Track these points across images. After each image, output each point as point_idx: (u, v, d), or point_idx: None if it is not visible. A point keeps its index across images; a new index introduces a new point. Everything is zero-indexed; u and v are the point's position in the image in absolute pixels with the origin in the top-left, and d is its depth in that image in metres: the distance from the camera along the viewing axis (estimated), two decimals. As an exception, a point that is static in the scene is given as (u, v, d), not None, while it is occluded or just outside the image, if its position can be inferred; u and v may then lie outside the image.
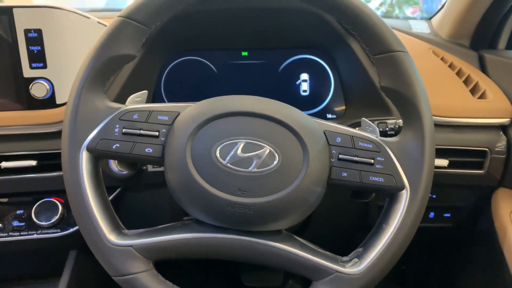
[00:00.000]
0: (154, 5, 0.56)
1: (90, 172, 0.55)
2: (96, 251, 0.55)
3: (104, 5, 4.67)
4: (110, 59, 0.56)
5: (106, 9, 1.45)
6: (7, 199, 0.79)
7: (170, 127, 0.56)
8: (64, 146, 0.55)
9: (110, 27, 0.56)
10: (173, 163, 0.54)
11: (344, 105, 0.89)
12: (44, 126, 0.75)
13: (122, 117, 0.56)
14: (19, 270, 0.92)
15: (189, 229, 0.56)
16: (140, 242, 0.55)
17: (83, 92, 0.55)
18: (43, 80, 0.73)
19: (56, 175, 0.77)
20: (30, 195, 0.79)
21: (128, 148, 0.55)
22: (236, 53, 0.89)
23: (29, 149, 0.76)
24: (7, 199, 0.79)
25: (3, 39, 0.72)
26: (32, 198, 0.79)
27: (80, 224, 0.55)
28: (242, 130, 0.54)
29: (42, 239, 0.77)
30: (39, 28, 0.72)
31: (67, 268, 0.84)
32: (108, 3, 4.57)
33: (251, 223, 0.54)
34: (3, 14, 0.71)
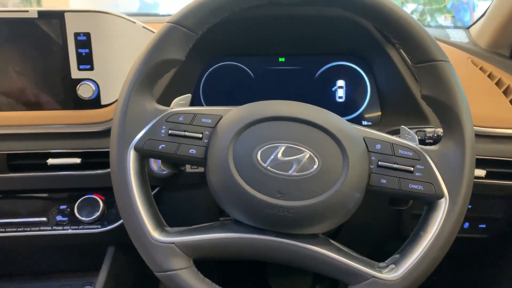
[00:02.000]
0: (202, 12, 0.58)
1: (137, 170, 0.58)
2: (140, 247, 0.57)
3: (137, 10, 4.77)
4: (159, 63, 0.58)
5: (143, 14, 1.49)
6: (52, 195, 0.83)
7: (213, 129, 0.58)
8: (113, 145, 0.58)
9: (159, 33, 0.58)
10: (216, 164, 0.56)
11: (380, 112, 0.89)
12: (89, 126, 0.78)
13: (168, 119, 0.58)
14: (59, 264, 0.95)
15: (228, 229, 0.58)
16: (181, 239, 0.57)
17: (132, 95, 0.58)
18: (89, 82, 0.76)
19: (99, 173, 0.80)
20: (73, 191, 0.82)
21: (173, 148, 0.57)
22: (274, 59, 0.90)
23: (74, 147, 0.79)
24: (52, 194, 0.83)
25: (54, 41, 0.75)
26: (75, 194, 0.82)
27: (126, 220, 0.57)
28: (283, 135, 0.55)
29: (83, 234, 0.80)
30: (88, 31, 0.75)
31: (105, 263, 0.86)
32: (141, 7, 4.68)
33: (289, 226, 0.55)
34: (55, 18, 0.75)
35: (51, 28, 0.75)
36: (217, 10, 0.58)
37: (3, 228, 0.80)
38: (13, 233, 0.80)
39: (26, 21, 0.75)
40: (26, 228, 0.80)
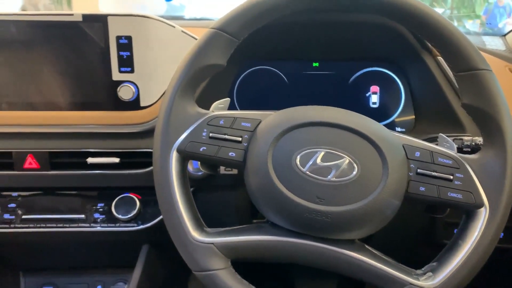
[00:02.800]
0: (244, 18, 0.59)
1: (179, 171, 0.59)
2: (180, 246, 0.58)
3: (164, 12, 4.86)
4: (202, 68, 0.60)
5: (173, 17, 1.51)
6: (90, 193, 0.85)
7: (252, 133, 0.59)
8: (156, 147, 0.60)
9: (202, 38, 0.60)
10: (255, 168, 0.57)
11: (414, 119, 0.89)
12: (128, 127, 0.80)
13: (209, 122, 0.60)
14: (92, 259, 0.98)
15: (266, 231, 0.59)
16: (221, 240, 0.58)
17: (176, 98, 0.59)
18: (130, 84, 0.79)
19: (136, 172, 0.82)
20: (111, 190, 0.84)
21: (213, 151, 0.59)
22: (307, 64, 0.91)
23: (113, 147, 0.81)
24: (90, 192, 0.85)
25: (97, 44, 0.78)
26: (112, 193, 0.84)
27: (167, 219, 0.59)
28: (323, 140, 0.56)
29: (119, 231, 0.83)
30: (129, 35, 0.78)
31: (139, 261, 0.89)
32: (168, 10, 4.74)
33: (327, 231, 0.56)
34: (99, 22, 0.77)
35: (94, 31, 0.77)
36: (260, 16, 0.60)
37: (44, 224, 0.83)
38: (53, 229, 0.82)
39: (70, 24, 0.77)
40: (65, 225, 0.83)
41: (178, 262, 1.11)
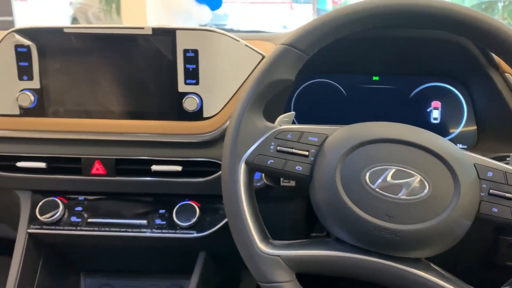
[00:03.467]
0: (315, 35, 0.60)
1: (246, 183, 0.61)
2: (247, 256, 0.60)
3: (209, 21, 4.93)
4: (271, 83, 0.61)
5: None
6: (153, 199, 0.88)
7: (319, 148, 0.60)
8: (225, 158, 0.61)
9: (273, 54, 0.61)
10: (322, 182, 0.57)
11: (476, 136, 0.87)
12: (191, 136, 0.83)
13: (277, 136, 0.61)
14: (150, 264, 1.01)
15: (331, 246, 0.59)
16: (287, 253, 0.59)
17: (245, 112, 0.61)
18: (194, 95, 0.81)
19: (197, 181, 0.84)
20: (172, 197, 0.87)
21: (281, 164, 0.60)
22: (367, 77, 0.91)
23: (176, 155, 0.84)
24: (153, 198, 0.88)
25: (165, 57, 0.81)
26: (173, 200, 0.87)
27: (234, 230, 0.60)
28: (394, 157, 0.56)
29: (179, 238, 0.85)
30: (196, 48, 0.80)
31: (197, 268, 0.91)
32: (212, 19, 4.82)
33: (395, 249, 0.56)
34: (167, 35, 0.80)
35: (163, 44, 0.80)
36: (331, 33, 0.60)
37: (108, 227, 0.86)
38: (116, 233, 0.86)
39: (140, 37, 0.81)
40: (128, 229, 0.86)
41: (234, 270, 1.13)
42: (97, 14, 7.77)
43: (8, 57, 0.81)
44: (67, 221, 0.86)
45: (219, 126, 0.82)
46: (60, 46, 0.81)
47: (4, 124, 0.84)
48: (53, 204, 0.86)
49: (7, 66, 0.82)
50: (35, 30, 0.81)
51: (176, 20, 5.21)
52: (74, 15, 8.89)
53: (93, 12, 7.90)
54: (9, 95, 0.82)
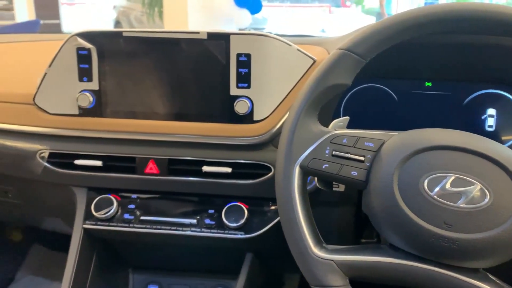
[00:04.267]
0: (374, 39, 0.60)
1: (300, 187, 0.61)
2: (300, 260, 0.60)
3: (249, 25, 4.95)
4: (328, 88, 0.62)
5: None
6: (203, 199, 0.90)
7: (375, 153, 0.59)
8: (279, 162, 0.62)
9: (330, 58, 0.62)
10: (379, 189, 0.57)
11: None
12: (241, 139, 0.84)
13: (332, 140, 0.61)
14: (197, 263, 1.03)
15: (385, 253, 0.59)
16: (341, 258, 0.59)
17: (301, 116, 0.62)
18: (245, 99, 0.82)
19: (246, 183, 0.85)
20: (221, 197, 0.89)
21: (336, 169, 0.60)
22: (419, 83, 0.90)
23: (226, 157, 0.85)
24: (203, 198, 0.90)
25: (218, 60, 0.83)
26: (222, 201, 0.88)
27: (288, 233, 0.61)
28: (453, 165, 0.55)
29: (227, 238, 0.86)
30: (249, 53, 0.82)
31: (244, 269, 0.92)
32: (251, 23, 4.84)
33: (453, 258, 0.55)
34: (221, 39, 0.82)
35: (217, 49, 0.82)
36: (390, 38, 0.60)
37: (159, 225, 0.88)
38: (167, 231, 0.88)
39: (195, 42, 0.83)
40: (178, 228, 0.88)
41: (276, 273, 1.14)
42: (139, 18, 7.99)
43: (69, 59, 0.85)
44: (121, 218, 0.90)
45: (269, 129, 0.83)
46: (118, 49, 0.85)
47: (64, 123, 0.88)
48: (108, 201, 0.89)
49: (68, 67, 0.85)
50: (95, 34, 0.85)
51: (216, 24, 5.27)
52: (117, 18, 9.17)
53: (135, 15, 8.13)
54: (69, 96, 0.86)
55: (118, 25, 8.27)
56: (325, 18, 10.95)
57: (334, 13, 11.74)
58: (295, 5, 12.46)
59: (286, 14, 11.21)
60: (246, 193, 0.87)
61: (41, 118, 0.88)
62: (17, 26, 6.26)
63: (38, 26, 6.16)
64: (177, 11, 4.67)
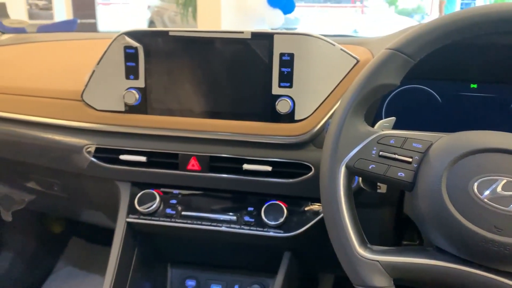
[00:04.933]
0: (424, 40, 0.60)
1: (346, 187, 0.61)
2: (344, 260, 0.60)
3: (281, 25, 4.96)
4: (376, 87, 0.62)
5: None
6: (242, 196, 0.91)
7: (423, 155, 0.59)
8: (325, 161, 0.62)
9: (378, 58, 0.62)
10: (426, 191, 0.57)
11: None
12: (282, 138, 0.85)
13: (379, 141, 0.61)
14: (234, 260, 1.05)
15: (431, 255, 0.58)
16: (386, 258, 0.58)
17: (348, 115, 0.62)
18: (287, 98, 0.83)
19: (285, 181, 0.86)
20: (260, 195, 0.89)
21: (382, 169, 0.60)
22: (464, 85, 0.88)
23: (267, 156, 0.86)
24: (242, 196, 0.91)
25: (261, 60, 0.83)
26: (261, 199, 0.89)
27: (332, 232, 0.61)
28: (505, 168, 0.54)
29: (266, 236, 0.87)
30: (292, 52, 0.82)
31: (282, 267, 0.93)
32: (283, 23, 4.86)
33: (502, 262, 0.54)
34: (265, 39, 0.83)
35: (260, 48, 0.83)
36: (441, 38, 0.60)
37: (199, 221, 0.90)
38: (207, 227, 0.89)
39: (239, 41, 0.84)
40: (218, 224, 0.89)
41: (312, 273, 1.14)
42: (172, 18, 8.11)
43: (117, 57, 0.88)
44: (163, 212, 0.92)
45: (310, 129, 0.83)
46: (164, 48, 0.87)
47: (110, 120, 0.91)
48: (150, 196, 0.91)
49: (116, 65, 0.88)
50: (143, 33, 0.87)
51: (249, 24, 5.28)
52: (151, 18, 9.32)
53: (169, 15, 8.25)
54: (116, 93, 0.89)
55: (152, 25, 8.44)
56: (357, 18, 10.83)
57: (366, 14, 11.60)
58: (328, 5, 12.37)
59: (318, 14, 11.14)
60: (285, 192, 0.88)
61: (88, 114, 0.92)
62: (56, 25, 6.47)
63: (75, 25, 6.35)
64: (211, 11, 4.72)
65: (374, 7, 12.09)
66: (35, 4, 8.99)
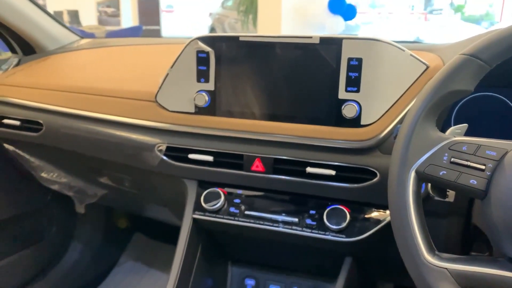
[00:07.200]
0: (502, 45, 0.59)
1: (415, 192, 0.61)
2: (412, 266, 0.60)
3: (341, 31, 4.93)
4: (449, 93, 0.61)
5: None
6: (304, 199, 0.92)
7: (497, 163, 0.57)
8: (394, 166, 0.62)
9: (453, 64, 0.61)
10: (501, 199, 0.55)
11: None
12: (347, 142, 0.85)
13: (451, 147, 0.60)
14: (294, 262, 1.06)
15: (504, 266, 0.56)
16: (455, 267, 0.57)
17: (419, 120, 0.61)
18: (354, 103, 0.83)
19: (349, 186, 0.86)
20: (322, 199, 0.90)
21: (453, 176, 0.59)
22: None
23: (331, 160, 0.87)
24: (304, 198, 0.92)
25: (328, 64, 0.84)
26: (323, 203, 0.90)
27: (400, 238, 0.61)
28: None
29: (327, 240, 0.88)
30: (360, 57, 0.82)
31: (343, 272, 0.92)
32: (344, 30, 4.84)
33: None
34: (334, 44, 0.84)
35: (328, 53, 0.84)
36: None
37: (262, 221, 0.92)
38: (269, 227, 0.91)
39: (307, 46, 0.85)
40: (280, 225, 0.91)
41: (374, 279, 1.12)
42: (232, 25, 8.27)
43: (190, 61, 0.92)
44: (227, 211, 0.95)
45: (377, 134, 0.83)
46: (234, 52, 0.90)
47: (181, 120, 0.95)
48: (216, 194, 0.95)
49: (188, 69, 0.93)
50: (214, 38, 0.91)
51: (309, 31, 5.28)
52: (212, 25, 9.55)
53: (229, 22, 8.42)
54: (187, 95, 0.93)
55: (212, 31, 8.67)
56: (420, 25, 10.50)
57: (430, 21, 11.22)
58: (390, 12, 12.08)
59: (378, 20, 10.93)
60: (348, 197, 0.88)
61: (161, 115, 0.97)
62: (123, 31, 6.82)
63: (140, 31, 6.65)
64: (271, 18, 4.77)
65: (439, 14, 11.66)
66: (105, 11, 9.54)
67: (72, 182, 1.30)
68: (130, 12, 9.28)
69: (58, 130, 1.11)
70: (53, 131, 1.12)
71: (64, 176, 1.30)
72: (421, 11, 12.34)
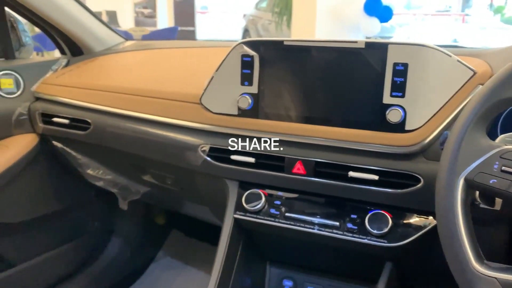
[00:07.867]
0: None
1: (464, 200, 0.60)
2: (459, 274, 0.59)
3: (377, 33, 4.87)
4: (501, 101, 0.60)
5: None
6: (346, 203, 0.92)
7: None
8: (442, 172, 0.62)
9: (505, 71, 0.60)
10: None
11: None
12: (391, 148, 0.84)
13: (503, 155, 0.59)
14: (333, 265, 1.06)
15: None
16: (505, 276, 0.57)
17: (469, 127, 0.61)
18: (398, 108, 0.83)
19: (392, 192, 0.85)
20: (364, 203, 0.90)
21: (505, 185, 0.58)
22: None
23: (374, 164, 0.86)
24: (346, 202, 0.92)
25: (374, 69, 0.84)
26: (364, 207, 0.90)
27: (447, 246, 0.61)
28: None
29: (368, 244, 0.87)
30: (406, 62, 0.82)
31: (383, 277, 0.92)
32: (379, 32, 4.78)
33: None
34: (379, 49, 0.84)
35: (374, 58, 0.84)
36: None
37: (302, 224, 0.93)
38: (309, 230, 0.92)
39: (353, 51, 0.86)
40: (320, 228, 0.92)
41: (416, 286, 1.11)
42: (266, 26, 8.28)
43: (235, 65, 0.94)
44: (267, 212, 0.96)
45: (421, 140, 0.82)
46: (278, 56, 0.91)
47: (224, 122, 0.97)
48: (257, 195, 0.97)
49: (233, 72, 0.95)
50: (259, 42, 0.92)
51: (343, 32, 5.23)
52: (246, 26, 9.61)
53: (263, 24, 8.44)
54: (231, 97, 0.95)
55: (246, 33, 8.72)
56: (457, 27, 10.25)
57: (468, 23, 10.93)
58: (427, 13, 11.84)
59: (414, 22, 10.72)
60: (390, 202, 0.88)
61: (205, 116, 0.99)
62: (159, 32, 6.96)
63: (176, 32, 6.76)
64: (306, 19, 4.76)
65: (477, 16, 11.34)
66: (141, 12, 9.77)
67: (117, 179, 1.35)
68: (166, 13, 9.47)
69: (105, 129, 1.16)
70: (100, 129, 1.17)
71: (109, 173, 1.35)
72: (459, 12, 12.03)
